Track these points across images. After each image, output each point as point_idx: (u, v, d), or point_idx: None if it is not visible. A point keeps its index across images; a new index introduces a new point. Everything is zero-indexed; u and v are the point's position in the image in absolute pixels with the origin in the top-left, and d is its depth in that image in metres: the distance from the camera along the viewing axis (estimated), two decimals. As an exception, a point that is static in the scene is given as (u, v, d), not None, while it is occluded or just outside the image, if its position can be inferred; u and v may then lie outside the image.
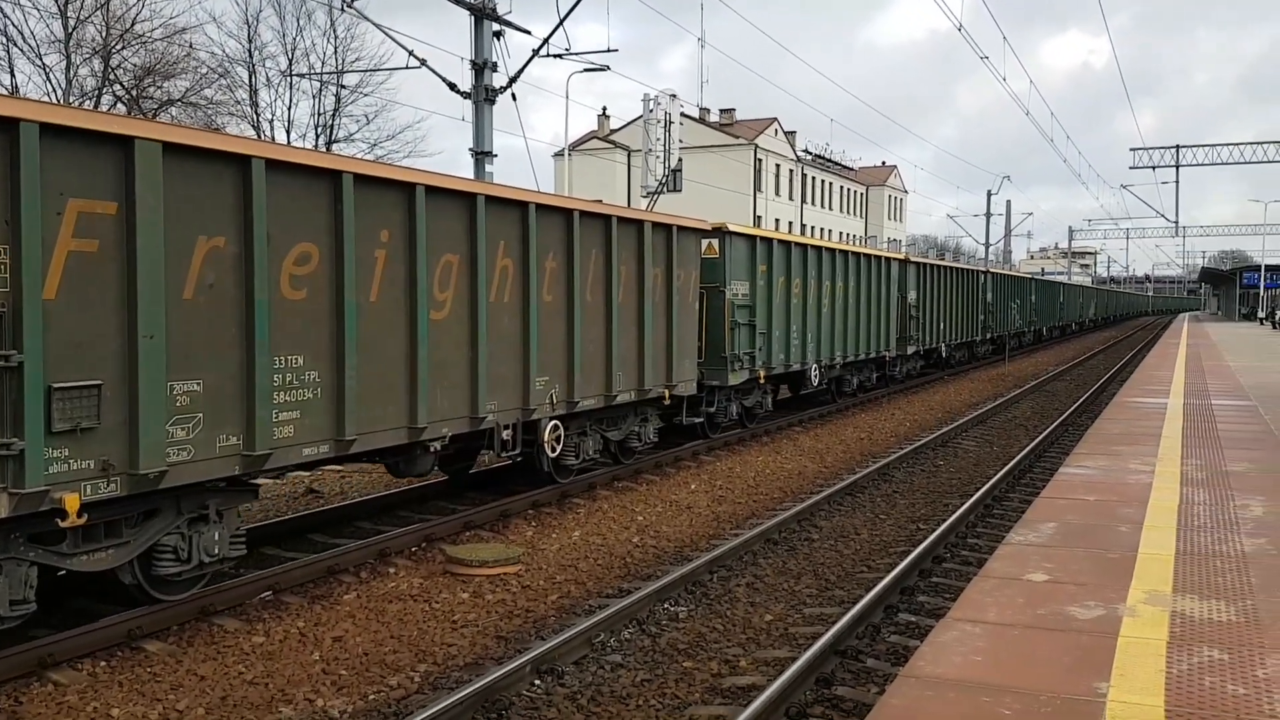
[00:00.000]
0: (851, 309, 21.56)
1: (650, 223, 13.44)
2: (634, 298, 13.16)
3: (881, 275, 23.48)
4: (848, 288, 21.30)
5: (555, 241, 11.56)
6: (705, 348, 15.68)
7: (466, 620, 8.25)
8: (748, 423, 18.15)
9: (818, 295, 19.66)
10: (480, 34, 18.51)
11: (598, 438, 13.04)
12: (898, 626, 8.16)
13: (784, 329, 18.19)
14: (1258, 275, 66.93)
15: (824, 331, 20.03)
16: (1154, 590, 6.50)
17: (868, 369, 23.83)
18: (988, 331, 36.48)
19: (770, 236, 17.88)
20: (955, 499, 13.10)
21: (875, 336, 23.18)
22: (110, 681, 6.88)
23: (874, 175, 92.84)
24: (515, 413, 11.02)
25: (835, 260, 20.73)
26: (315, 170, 8.36)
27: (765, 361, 17.32)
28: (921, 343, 27.21)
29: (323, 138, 37.50)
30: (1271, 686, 4.93)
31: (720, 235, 16.02)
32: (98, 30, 30.82)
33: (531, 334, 11.09)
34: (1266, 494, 9.51)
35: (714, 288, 15.88)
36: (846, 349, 21.36)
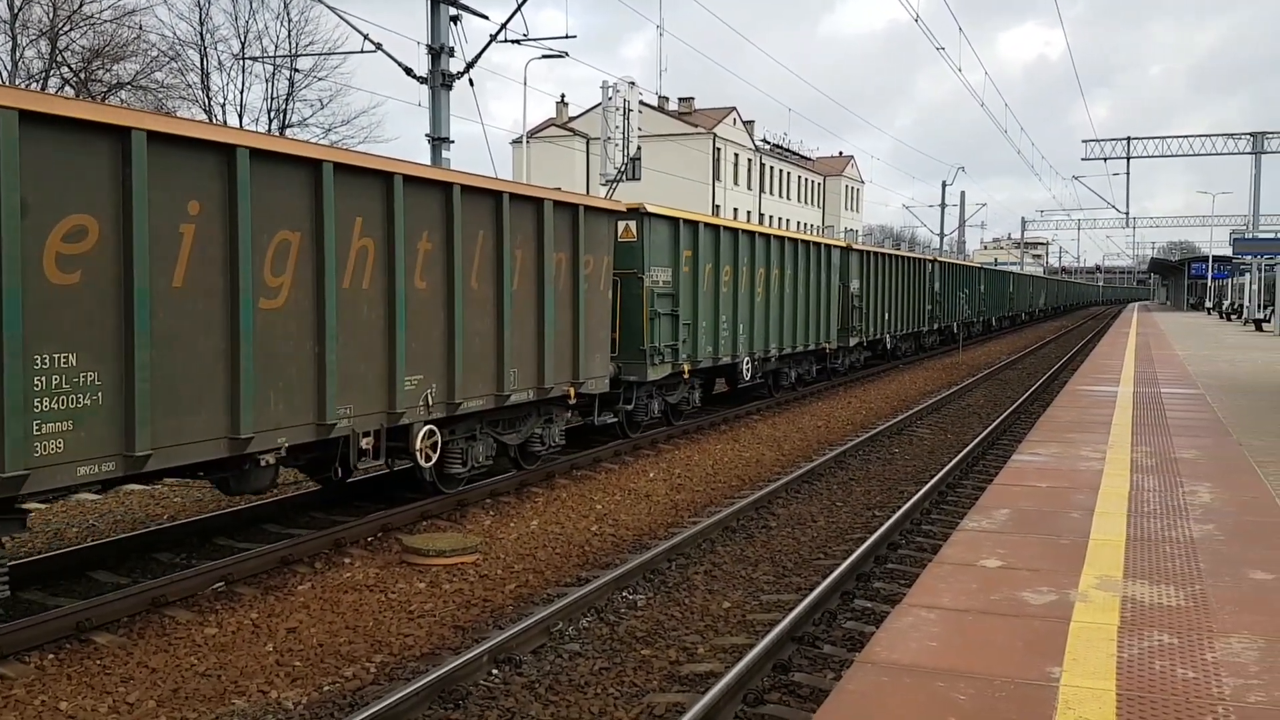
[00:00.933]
0: (789, 298, 20.53)
1: (551, 201, 12.09)
2: (532, 285, 11.82)
3: (822, 263, 22.52)
4: (784, 275, 20.21)
5: (431, 220, 10.14)
6: (621, 341, 14.72)
7: (423, 610, 8.20)
8: (673, 420, 17.05)
9: (750, 283, 18.55)
10: (437, 18, 18.34)
11: (490, 442, 11.73)
12: (854, 613, 8.22)
13: (712, 319, 17.10)
14: (1205, 266, 68.17)
15: (758, 322, 18.99)
16: (1105, 576, 6.59)
17: (807, 362, 22.96)
18: (935, 322, 35.78)
19: (696, 219, 16.57)
20: (910, 486, 13.22)
21: (815, 328, 22.25)
22: (59, 674, 6.76)
23: (831, 165, 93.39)
24: (378, 417, 9.65)
25: (770, 246, 19.63)
26: (95, 127, 6.95)
27: (690, 355, 16.23)
28: (865, 334, 26.25)
29: (276, 122, 37.00)
30: (1220, 669, 5.02)
31: (637, 217, 14.88)
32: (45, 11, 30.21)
33: (399, 326, 9.68)
34: (1214, 481, 9.68)
35: (631, 274, 14.79)
36: (783, 341, 20.38)
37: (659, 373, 15.29)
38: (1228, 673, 4.97)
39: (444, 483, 11.24)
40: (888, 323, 28.64)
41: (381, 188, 9.52)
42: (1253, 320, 45.76)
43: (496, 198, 11.19)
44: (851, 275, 24.89)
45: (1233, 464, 10.59)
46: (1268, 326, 42.33)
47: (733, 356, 17.98)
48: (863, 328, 25.97)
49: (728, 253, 17.59)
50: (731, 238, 17.82)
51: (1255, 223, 54.16)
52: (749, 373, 18.77)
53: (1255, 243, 48.44)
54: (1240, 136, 51.19)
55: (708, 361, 16.97)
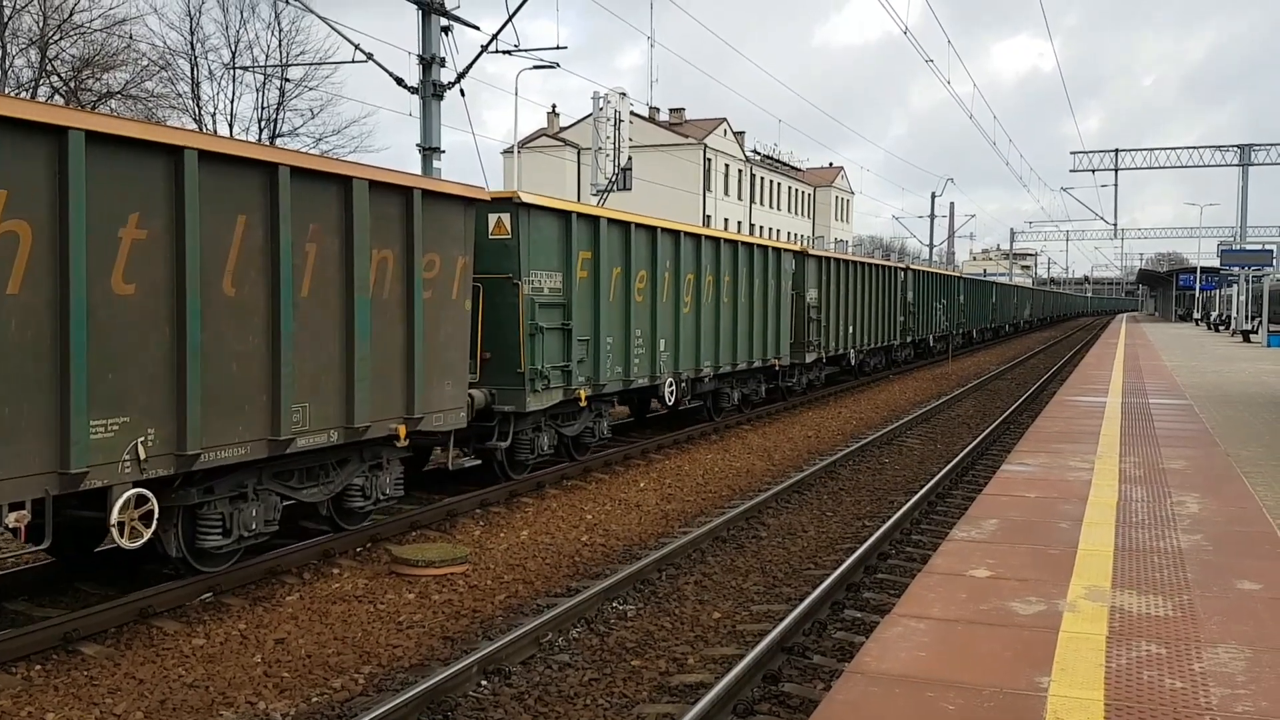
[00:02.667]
0: (728, 309, 17.97)
1: (366, 181, 9.21)
2: (333, 292, 9.00)
3: (770, 270, 19.88)
4: (721, 283, 17.59)
5: (144, 198, 7.30)
6: (493, 363, 12.13)
7: (412, 621, 8.18)
8: (576, 455, 14.29)
9: (675, 292, 15.96)
10: (428, 29, 18.37)
11: (273, 501, 8.95)
12: (844, 623, 8.23)
13: (622, 335, 14.43)
14: (1193, 277, 68.53)
15: (686, 337, 16.35)
16: (1094, 586, 6.61)
17: (754, 380, 20.28)
18: (908, 335, 33.20)
19: (597, 214, 13.88)
20: (900, 496, 13.24)
21: (763, 342, 19.66)
22: (46, 685, 6.72)
23: (821, 176, 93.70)
24: (38, 482, 6.75)
25: (703, 249, 16.96)
26: None
27: (590, 377, 13.67)
28: (824, 348, 23.71)
29: (266, 131, 36.98)
30: (1207, 679, 5.03)
31: (510, 209, 12.05)
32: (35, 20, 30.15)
33: (75, 350, 6.79)
34: (1202, 491, 9.72)
35: (503, 280, 12.08)
36: (721, 358, 17.75)
37: (544, 401, 12.61)
38: (1215, 682, 4.99)
39: (199, 560, 8.42)
40: (852, 336, 26.16)
41: (48, 152, 6.69)
42: (1240, 331, 46.00)
43: (269, 173, 8.31)
44: (808, 284, 22.58)
45: (1221, 474, 10.63)
46: (1255, 338, 42.55)
47: (651, 378, 15.34)
48: (821, 341, 23.51)
49: (643, 255, 15.02)
50: (648, 238, 15.20)
51: (1243, 234, 54.46)
52: (673, 396, 15.98)
53: (1242, 254, 48.74)
54: (1228, 149, 51.49)
55: (616, 385, 14.37)
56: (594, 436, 14.60)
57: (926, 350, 37.26)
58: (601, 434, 14.70)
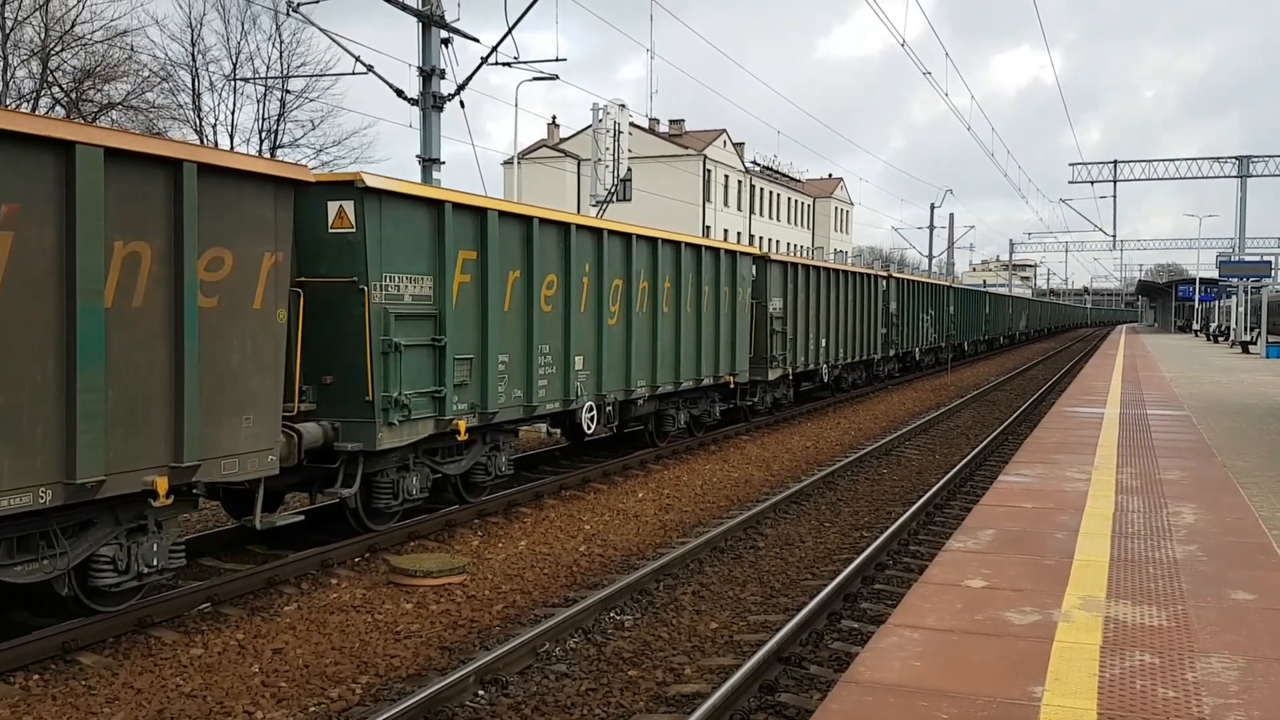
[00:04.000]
0: (668, 321, 15.87)
1: (100, 149, 7.00)
2: (42, 298, 6.79)
3: (723, 276, 17.81)
4: (658, 290, 15.49)
5: None
6: (331, 389, 9.88)
7: (410, 631, 8.20)
8: (468, 495, 12.02)
9: (598, 301, 13.81)
10: (428, 41, 18.46)
11: None
12: (841, 633, 8.24)
13: (522, 351, 12.12)
14: (1192, 288, 68.61)
15: (612, 353, 14.22)
16: (1089, 596, 6.64)
17: (706, 400, 18.19)
18: (891, 348, 31.03)
19: (482, 205, 11.34)
20: (898, 506, 13.26)
21: (714, 357, 17.55)
22: (44, 695, 6.74)
23: (821, 187, 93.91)
24: None
25: (634, 252, 14.67)
26: None
27: (475, 404, 11.29)
28: (790, 364, 21.59)
29: (267, 142, 37.10)
30: (1200, 689, 5.06)
31: (356, 194, 9.71)
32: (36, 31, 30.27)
33: None
34: (1198, 502, 9.74)
35: (346, 285, 9.79)
36: (659, 376, 15.63)
37: (404, 435, 10.27)
38: (1208, 692, 5.01)
39: None
40: (825, 350, 24.04)
41: None
42: (1239, 342, 46.04)
43: None
44: (771, 292, 20.48)
45: (1217, 485, 10.66)
46: (1254, 349, 42.60)
47: (565, 402, 13.16)
48: (787, 356, 21.31)
49: (552, 257, 12.70)
50: (558, 237, 12.85)
51: (1241, 245, 54.57)
52: (591, 424, 13.79)
53: (1241, 265, 48.81)
54: (1226, 160, 51.63)
55: (513, 412, 12.03)
56: (489, 474, 12.11)
57: (913, 364, 35.37)
58: (499, 470, 12.25)
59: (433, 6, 18.19)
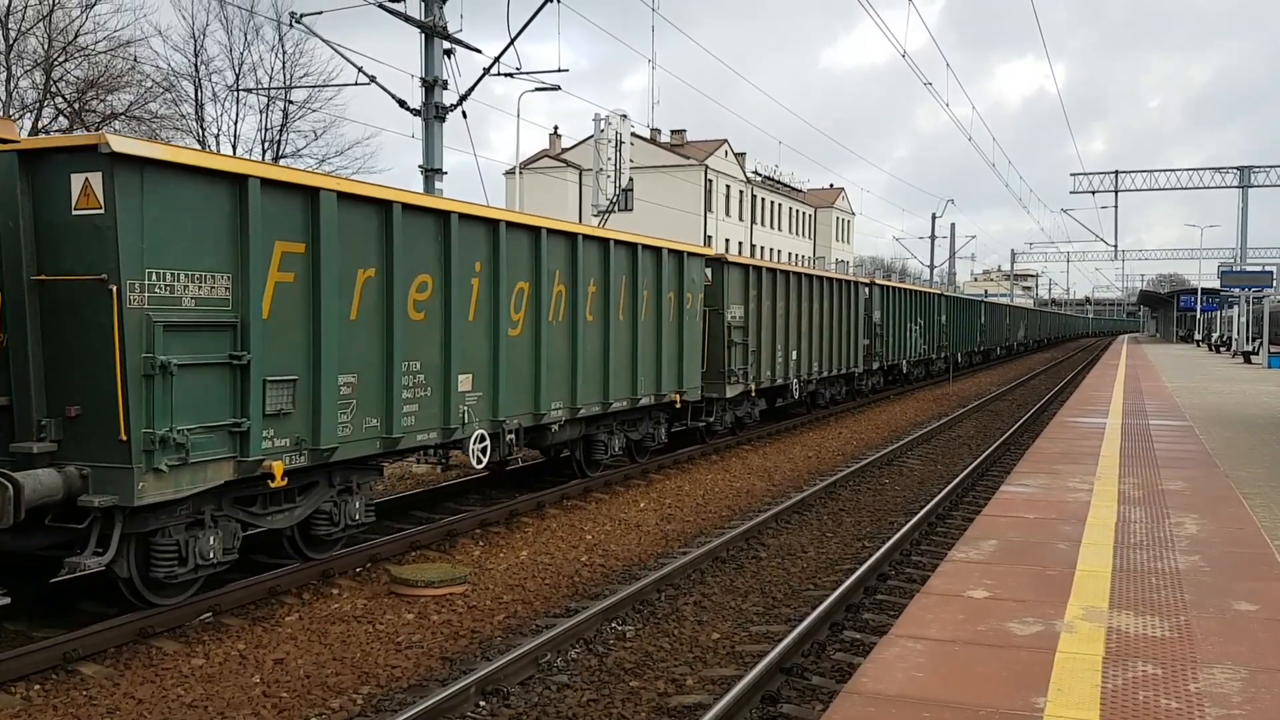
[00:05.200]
0: (592, 331, 13.47)
1: None
2: None
3: (667, 280, 15.47)
4: (578, 295, 13.05)
5: None
6: (77, 424, 7.53)
7: (411, 641, 8.19)
8: (308, 551, 9.70)
9: (493, 306, 11.34)
10: (430, 52, 18.51)
11: None
12: (843, 644, 8.23)
13: (379, 369, 9.54)
14: (1194, 298, 68.62)
15: (515, 369, 11.74)
16: (1091, 606, 6.63)
17: (647, 422, 15.90)
18: (875, 360, 28.87)
19: (313, 184, 8.85)
20: (900, 517, 13.24)
21: (655, 373, 15.22)
22: (45, 705, 6.73)
23: (822, 197, 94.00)
24: None
25: (545, 249, 12.19)
26: None
27: (303, 439, 8.74)
28: (753, 379, 19.31)
29: (269, 153, 37.18)
30: (1203, 700, 5.04)
31: (104, 163, 7.21)
32: (39, 42, 30.35)
33: None
34: (1201, 512, 9.73)
35: (89, 284, 7.37)
36: (581, 395, 13.13)
37: (181, 485, 7.74)
38: (1211, 703, 5.00)
39: None
40: (797, 363, 21.88)
41: None
42: (1241, 353, 46.02)
43: None
44: (730, 299, 18.32)
45: (1220, 496, 10.64)
46: (1256, 359, 42.57)
47: (445, 431, 10.58)
48: (750, 370, 19.01)
49: (427, 254, 10.22)
50: (434, 229, 10.31)
51: (1243, 256, 54.56)
52: (484, 456, 11.14)
53: (1243, 275, 48.83)
54: (1228, 170, 51.66)
55: (365, 446, 9.47)
56: (336, 524, 9.67)
57: (900, 378, 33.22)
58: (350, 518, 9.82)
59: (435, 18, 18.24)
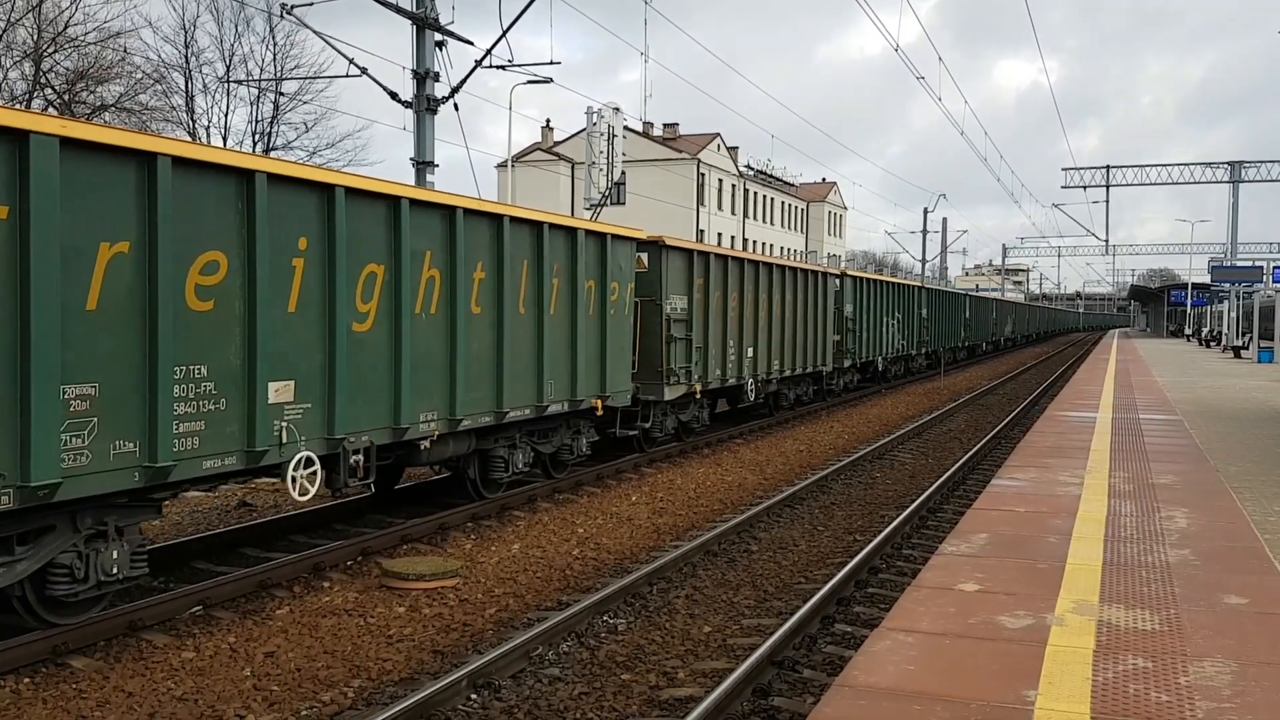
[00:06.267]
0: (481, 327, 11.28)
1: None
2: None
3: (584, 266, 13.21)
4: (456, 283, 10.73)
5: None
6: None
7: (402, 635, 8.17)
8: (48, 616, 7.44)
9: (325, 296, 9.10)
10: (422, 44, 18.45)
11: None
12: (834, 637, 8.24)
13: (132, 379, 7.39)
14: (1184, 293, 68.84)
15: (363, 377, 9.57)
16: (1082, 600, 6.64)
17: (564, 431, 13.71)
18: (847, 358, 26.87)
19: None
20: (891, 510, 13.26)
21: (569, 375, 13.08)
22: (34, 699, 6.71)
23: (815, 192, 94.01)
24: None
25: (404, 226, 9.90)
26: None
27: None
28: (699, 379, 17.22)
29: (260, 144, 37.04)
30: (1193, 693, 5.06)
31: None
32: (29, 33, 30.18)
33: None
34: (1191, 506, 9.76)
35: None
36: (463, 405, 10.94)
37: None
38: (1201, 696, 5.01)
39: None
40: (753, 361, 19.96)
41: None
42: (1231, 347, 46.18)
43: None
44: (670, 289, 16.21)
45: (1210, 490, 10.68)
46: (1246, 354, 42.73)
47: (249, 454, 8.43)
48: (693, 370, 16.98)
49: (213, 226, 8.04)
50: (229, 194, 8.12)
51: (1233, 251, 54.73)
52: (312, 483, 9.02)
53: (1233, 270, 48.98)
54: (1218, 166, 51.83)
55: (114, 480, 7.32)
56: (83, 581, 7.47)
57: (877, 376, 31.36)
58: (105, 572, 7.59)
59: (427, 9, 18.18)
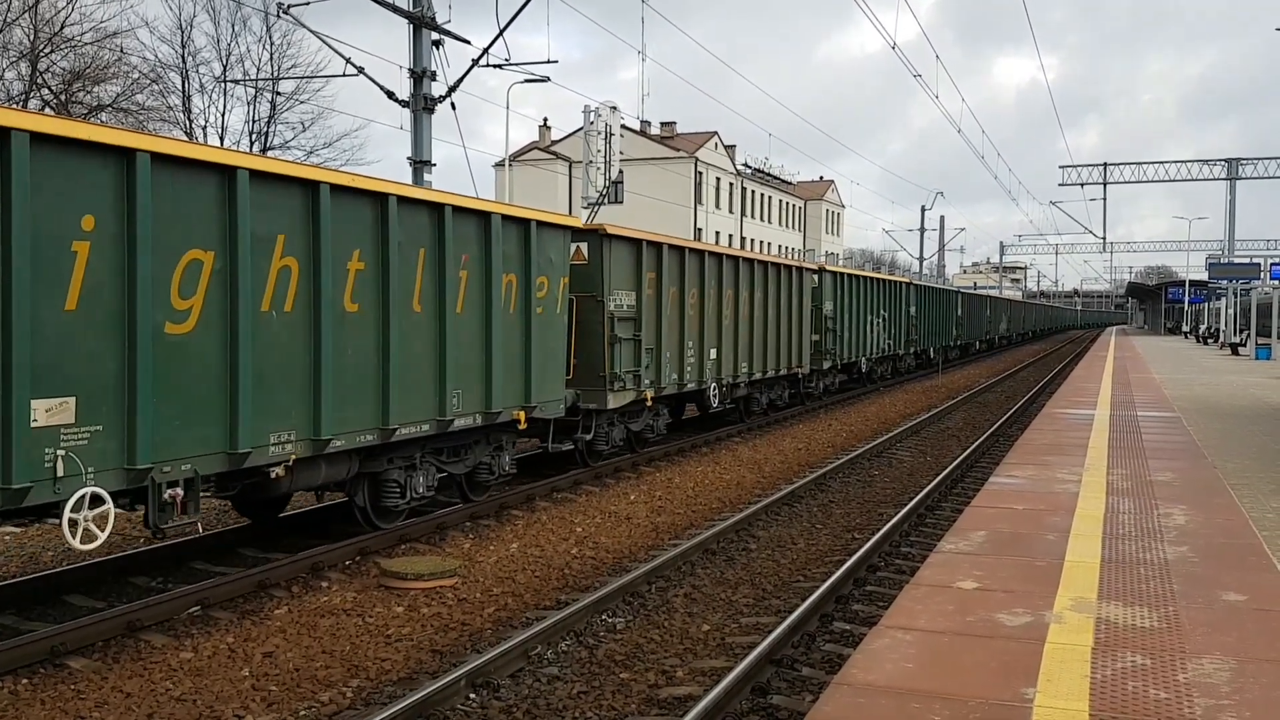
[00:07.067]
0: (360, 327, 9.56)
1: None
2: None
3: (502, 257, 11.48)
4: (322, 274, 9.03)
5: None
6: None
7: (401, 634, 8.17)
8: None
9: (124, 289, 7.38)
10: (419, 43, 18.44)
11: None
12: (833, 635, 8.24)
13: None
14: (1182, 290, 68.88)
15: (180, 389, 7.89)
16: (1080, 597, 6.64)
17: (481, 448, 11.98)
18: (827, 359, 25.10)
19: None
20: (889, 508, 13.26)
21: (483, 383, 11.32)
22: (33, 699, 6.70)
23: (812, 190, 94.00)
24: None
25: (241, 204, 8.15)
26: None
27: None
28: (651, 384, 15.72)
29: (257, 144, 37.00)
30: (1191, 690, 5.06)
31: None
32: (25, 33, 30.13)
33: None
34: (1189, 503, 9.76)
35: None
36: (336, 420, 9.28)
37: None
38: (1200, 693, 5.01)
39: None
40: (717, 364, 18.20)
41: None
42: (1228, 344, 46.21)
43: None
44: (614, 284, 14.67)
45: (1208, 487, 10.68)
46: (1243, 351, 42.76)
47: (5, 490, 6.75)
48: (642, 375, 15.35)
49: None
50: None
51: (1230, 248, 54.75)
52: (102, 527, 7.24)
53: (1230, 267, 49.00)
54: (1215, 163, 51.85)
55: None
56: None
57: (861, 378, 29.64)
58: None
59: (424, 8, 18.17)
